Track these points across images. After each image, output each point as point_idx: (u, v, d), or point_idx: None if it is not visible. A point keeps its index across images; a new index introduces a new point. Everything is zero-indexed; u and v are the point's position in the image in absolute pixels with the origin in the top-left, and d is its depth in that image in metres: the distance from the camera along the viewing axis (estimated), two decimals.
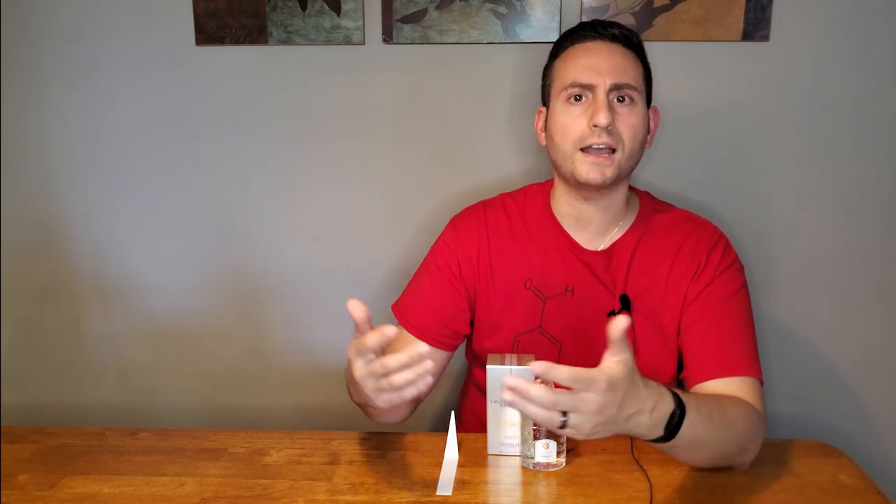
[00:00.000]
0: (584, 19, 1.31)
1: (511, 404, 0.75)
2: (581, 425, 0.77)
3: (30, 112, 1.44)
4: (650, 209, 1.16)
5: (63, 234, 1.49)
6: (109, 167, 1.46)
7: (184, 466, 1.03)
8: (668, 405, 0.82)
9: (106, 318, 1.51)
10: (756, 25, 1.30)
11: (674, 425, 0.83)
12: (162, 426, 1.16)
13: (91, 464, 1.04)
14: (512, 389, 0.74)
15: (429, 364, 0.81)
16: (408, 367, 0.81)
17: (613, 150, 1.04)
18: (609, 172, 1.04)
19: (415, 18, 1.35)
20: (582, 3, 1.32)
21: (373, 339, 0.82)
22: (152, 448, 1.08)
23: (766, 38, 1.31)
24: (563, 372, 0.74)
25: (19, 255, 1.50)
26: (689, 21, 1.31)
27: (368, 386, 0.85)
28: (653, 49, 1.31)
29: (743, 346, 1.06)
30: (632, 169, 1.09)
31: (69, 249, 1.49)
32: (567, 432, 0.77)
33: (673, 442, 0.84)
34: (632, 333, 1.09)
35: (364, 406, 1.04)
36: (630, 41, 1.09)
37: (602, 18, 1.32)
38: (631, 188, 1.16)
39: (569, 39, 1.11)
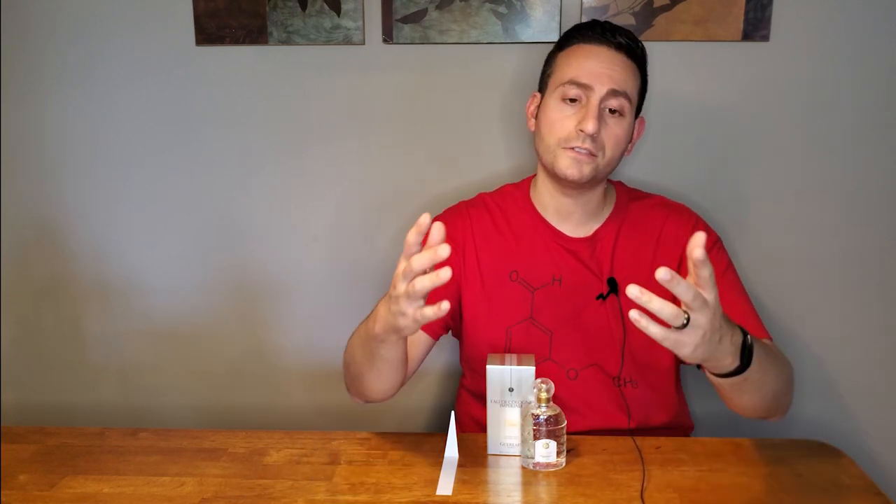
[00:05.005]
0: (584, 19, 1.31)
1: (640, 297, 0.75)
2: (700, 324, 0.77)
3: (30, 112, 1.44)
4: (626, 197, 1.21)
5: (63, 234, 1.49)
6: (109, 167, 1.46)
7: (184, 466, 1.03)
8: (738, 332, 0.85)
9: (106, 318, 1.51)
10: (756, 25, 1.30)
11: (747, 352, 0.86)
12: (162, 426, 1.16)
13: (91, 464, 1.04)
14: (666, 280, 0.74)
15: (446, 273, 0.79)
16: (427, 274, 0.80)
17: (594, 155, 1.09)
18: (587, 170, 1.09)
19: (415, 18, 1.35)
20: (582, 3, 1.32)
21: (423, 257, 0.79)
22: (152, 448, 1.08)
23: (766, 38, 1.31)
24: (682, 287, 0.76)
25: (19, 255, 1.50)
26: (689, 21, 1.31)
27: (402, 301, 0.83)
28: (653, 49, 1.31)
29: (749, 314, 1.11)
30: (608, 173, 1.14)
31: (69, 249, 1.49)
32: (684, 336, 0.77)
33: (746, 373, 0.87)
34: (621, 316, 1.11)
35: (360, 376, 1.06)
36: (634, 53, 1.11)
37: (609, 20, 1.31)
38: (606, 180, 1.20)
39: (577, 36, 1.13)
